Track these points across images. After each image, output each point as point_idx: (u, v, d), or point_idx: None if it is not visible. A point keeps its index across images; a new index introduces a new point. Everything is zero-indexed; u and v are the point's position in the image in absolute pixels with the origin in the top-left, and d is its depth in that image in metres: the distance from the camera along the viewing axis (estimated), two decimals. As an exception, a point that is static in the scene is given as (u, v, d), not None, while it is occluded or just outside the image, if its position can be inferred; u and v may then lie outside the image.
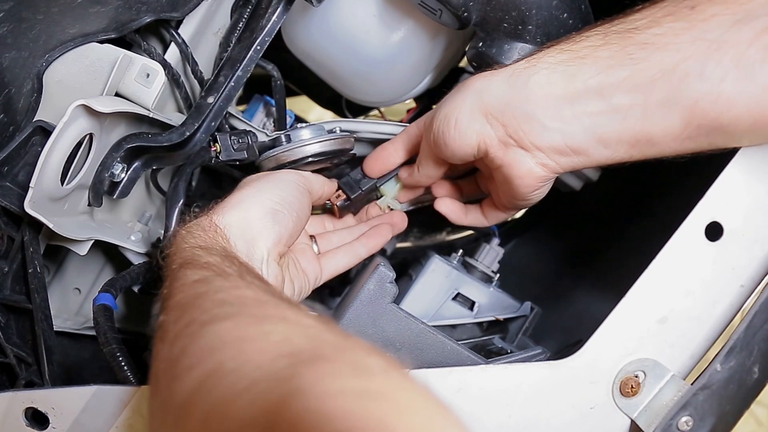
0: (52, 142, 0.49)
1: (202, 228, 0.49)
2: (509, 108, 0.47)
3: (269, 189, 0.53)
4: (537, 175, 0.49)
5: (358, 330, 0.54)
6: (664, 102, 0.43)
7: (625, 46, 0.44)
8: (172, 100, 0.61)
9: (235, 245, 0.49)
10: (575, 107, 0.45)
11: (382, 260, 0.56)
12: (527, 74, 0.47)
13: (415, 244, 0.91)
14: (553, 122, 0.46)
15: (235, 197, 0.52)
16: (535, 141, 0.47)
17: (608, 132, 0.45)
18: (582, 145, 0.46)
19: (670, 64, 0.42)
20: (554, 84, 0.46)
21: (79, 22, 0.52)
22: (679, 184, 0.60)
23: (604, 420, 0.49)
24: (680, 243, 0.48)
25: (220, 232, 0.49)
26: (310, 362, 0.29)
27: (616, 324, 0.49)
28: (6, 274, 0.55)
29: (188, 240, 0.48)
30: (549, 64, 0.46)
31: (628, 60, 0.43)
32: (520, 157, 0.49)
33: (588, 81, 0.45)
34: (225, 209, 0.51)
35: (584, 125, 0.45)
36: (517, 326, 0.66)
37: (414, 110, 0.78)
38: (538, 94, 0.46)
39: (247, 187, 0.54)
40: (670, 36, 0.42)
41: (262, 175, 0.56)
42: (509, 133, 0.48)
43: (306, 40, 0.65)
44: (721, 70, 0.40)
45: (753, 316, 0.47)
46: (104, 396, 0.48)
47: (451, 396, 0.49)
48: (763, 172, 0.48)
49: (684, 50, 0.41)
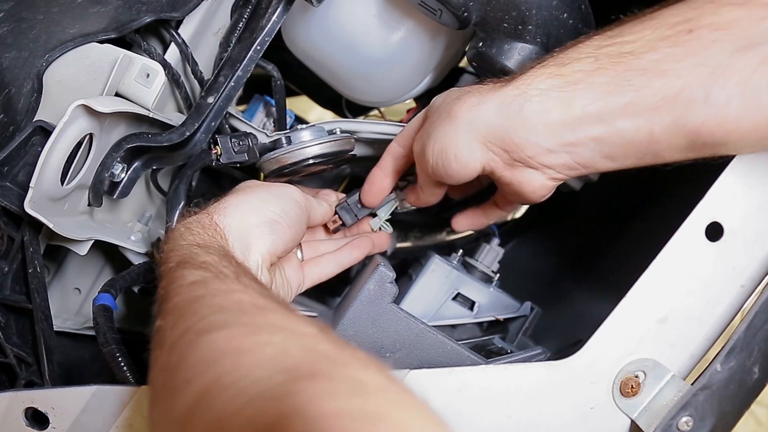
0: (52, 142, 0.49)
1: (202, 225, 0.49)
2: (507, 136, 0.47)
3: (272, 201, 0.53)
4: (549, 186, 0.50)
5: (358, 330, 0.54)
6: (670, 126, 0.43)
7: (622, 72, 0.43)
8: (172, 100, 0.61)
9: (233, 247, 0.49)
10: (578, 133, 0.45)
11: (382, 260, 0.56)
12: (519, 102, 0.46)
13: (415, 244, 0.91)
14: (558, 147, 0.46)
15: (238, 201, 0.52)
16: (542, 162, 0.47)
17: (615, 151, 0.45)
18: (590, 162, 0.46)
19: (673, 91, 0.42)
20: (550, 111, 0.45)
21: (79, 22, 0.52)
22: (679, 184, 0.60)
23: (604, 420, 0.49)
24: (680, 243, 0.48)
25: (219, 231, 0.49)
26: (306, 379, 0.29)
27: (617, 324, 0.49)
28: (6, 274, 0.55)
29: (186, 237, 0.48)
30: (540, 91, 0.46)
31: (627, 86, 0.43)
32: (529, 175, 0.49)
33: (587, 107, 0.44)
34: (227, 210, 0.51)
35: (590, 147, 0.45)
36: (517, 326, 0.66)
37: (414, 110, 0.78)
38: (535, 122, 0.46)
39: (250, 193, 0.54)
40: (669, 62, 0.42)
41: (266, 185, 0.56)
42: (513, 158, 0.48)
43: (306, 40, 0.64)
44: (726, 94, 0.40)
45: (753, 316, 0.47)
46: (104, 396, 0.48)
47: (451, 396, 0.49)
48: (764, 172, 0.48)
49: (685, 76, 0.41)
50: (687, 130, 0.42)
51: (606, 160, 0.46)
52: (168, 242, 0.49)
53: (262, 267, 0.51)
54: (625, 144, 0.45)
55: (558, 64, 0.46)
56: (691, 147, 0.43)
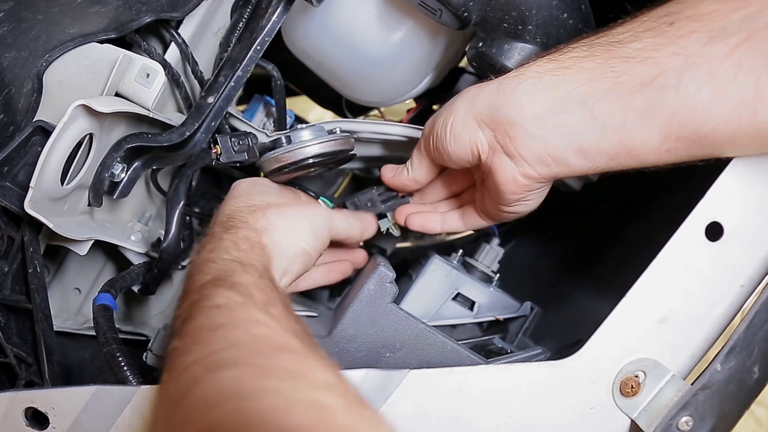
0: (52, 142, 0.49)
1: (250, 243, 0.49)
2: (497, 113, 0.49)
3: (308, 233, 0.53)
4: (519, 183, 0.50)
5: (358, 330, 0.54)
6: (643, 112, 0.44)
7: (608, 59, 0.45)
8: (172, 100, 0.61)
9: (275, 269, 0.49)
10: (558, 116, 0.46)
11: (382, 260, 0.56)
12: (515, 82, 0.48)
13: (415, 244, 0.91)
14: (536, 130, 0.47)
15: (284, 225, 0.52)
16: (518, 148, 0.48)
17: (588, 142, 0.46)
18: (562, 155, 0.47)
19: (649, 77, 0.43)
20: (539, 92, 0.47)
21: (79, 22, 0.52)
22: (679, 184, 0.59)
23: (604, 420, 0.49)
24: (680, 243, 0.48)
25: (267, 252, 0.49)
26: None
27: (616, 324, 0.49)
28: (6, 274, 0.55)
29: (232, 252, 0.47)
30: (536, 73, 0.48)
31: (610, 72, 0.45)
32: (504, 164, 0.50)
33: (572, 91, 0.46)
34: (275, 233, 0.51)
35: (565, 134, 0.46)
36: (517, 326, 0.66)
37: (414, 110, 0.78)
38: (524, 102, 0.48)
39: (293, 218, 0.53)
40: (650, 50, 0.43)
41: (305, 210, 0.56)
42: (497, 139, 0.50)
43: (306, 40, 0.65)
44: (696, 83, 0.42)
45: (753, 316, 0.47)
46: (104, 396, 0.48)
47: (451, 396, 0.49)
48: (763, 172, 0.48)
49: (662, 64, 0.43)
50: (659, 119, 0.43)
51: (578, 156, 0.47)
52: (210, 250, 0.48)
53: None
54: (599, 133, 0.45)
55: (557, 52, 0.48)
56: (664, 144, 0.44)
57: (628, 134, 0.45)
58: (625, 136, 0.45)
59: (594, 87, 0.45)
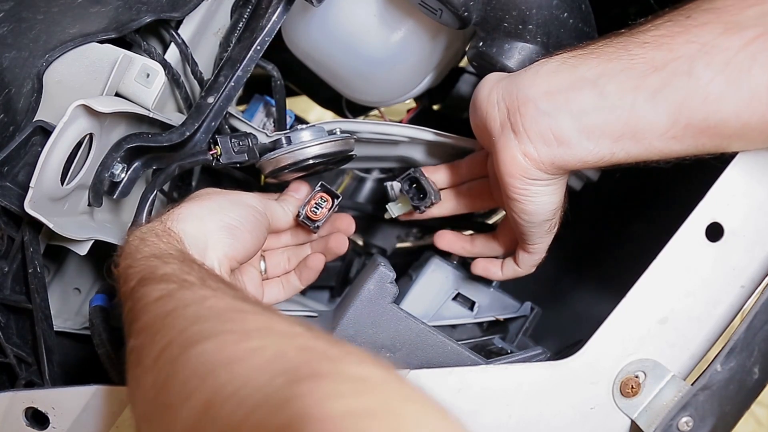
0: (52, 142, 0.49)
1: (156, 234, 0.48)
2: (515, 88, 0.49)
3: (229, 207, 0.53)
4: (519, 164, 0.49)
5: (358, 330, 0.54)
6: (652, 94, 0.44)
7: (626, 45, 0.46)
8: (172, 100, 0.61)
9: (190, 251, 0.48)
10: (569, 94, 0.47)
11: (382, 260, 0.56)
12: (541, 63, 0.50)
13: (415, 244, 0.91)
14: (545, 105, 0.48)
15: (193, 207, 0.52)
16: (525, 124, 0.48)
17: (593, 122, 0.46)
18: (565, 134, 0.47)
19: (662, 62, 0.44)
20: (559, 73, 0.48)
21: (79, 22, 0.52)
22: (679, 184, 0.59)
23: (604, 420, 0.49)
24: (681, 243, 0.48)
25: (174, 236, 0.48)
26: (308, 380, 0.28)
27: (617, 324, 0.49)
28: (6, 274, 0.55)
29: (142, 249, 0.46)
30: (562, 58, 0.49)
31: (627, 56, 0.45)
32: (508, 141, 0.49)
33: (587, 72, 0.47)
34: (181, 216, 0.50)
35: (572, 111, 0.47)
36: (517, 326, 0.66)
37: (414, 110, 0.78)
38: (542, 80, 0.48)
39: (206, 200, 0.53)
40: (666, 37, 0.44)
41: (222, 192, 0.56)
42: (509, 116, 0.50)
43: (306, 40, 0.64)
44: (710, 72, 0.42)
45: (753, 316, 0.47)
46: (104, 396, 0.48)
47: (451, 396, 0.49)
48: (764, 173, 0.48)
49: (676, 50, 0.43)
50: (668, 102, 0.43)
51: (582, 137, 0.46)
52: (124, 258, 0.47)
53: (221, 271, 0.50)
54: (606, 113, 0.45)
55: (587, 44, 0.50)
56: (671, 130, 0.44)
57: (635, 115, 0.45)
58: (632, 117, 0.45)
59: (608, 68, 0.46)
